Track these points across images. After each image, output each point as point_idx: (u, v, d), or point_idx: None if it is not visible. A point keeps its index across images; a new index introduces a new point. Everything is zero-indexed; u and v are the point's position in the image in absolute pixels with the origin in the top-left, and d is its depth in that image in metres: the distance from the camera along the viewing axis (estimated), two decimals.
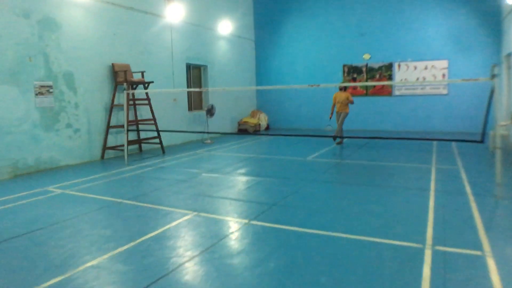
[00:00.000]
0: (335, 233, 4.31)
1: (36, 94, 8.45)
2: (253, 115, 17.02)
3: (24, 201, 6.03)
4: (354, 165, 8.60)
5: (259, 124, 16.31)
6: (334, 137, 11.26)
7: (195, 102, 14.40)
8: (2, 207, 5.75)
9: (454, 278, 3.21)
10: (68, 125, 9.17)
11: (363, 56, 15.73)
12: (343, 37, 16.01)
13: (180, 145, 12.58)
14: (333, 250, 3.87)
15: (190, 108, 13.83)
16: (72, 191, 6.66)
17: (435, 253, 3.68)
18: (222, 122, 15.08)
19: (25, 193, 6.55)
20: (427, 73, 14.41)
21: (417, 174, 7.35)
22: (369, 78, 15.54)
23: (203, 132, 9.38)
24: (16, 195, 6.40)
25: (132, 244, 4.13)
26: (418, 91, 14.66)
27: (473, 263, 3.47)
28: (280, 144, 12.31)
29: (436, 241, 3.99)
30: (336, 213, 5.14)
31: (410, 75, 14.74)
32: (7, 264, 3.76)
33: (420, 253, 3.71)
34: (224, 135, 14.81)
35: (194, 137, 13.62)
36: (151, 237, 4.34)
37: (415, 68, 14.62)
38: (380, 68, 15.33)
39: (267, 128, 17.04)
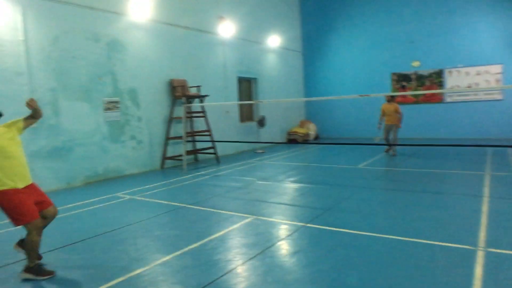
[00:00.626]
0: (388, 235, 4.53)
1: (105, 109, 9.28)
2: (302, 125, 17.33)
3: (99, 205, 6.72)
4: (405, 172, 8.68)
5: (308, 134, 16.58)
6: (388, 150, 11.23)
7: (246, 113, 14.95)
8: (82, 210, 6.45)
9: (507, 277, 3.35)
10: (132, 137, 9.95)
11: (412, 64, 15.63)
12: (391, 45, 16.01)
13: (232, 155, 13.12)
14: (387, 250, 4.11)
15: (241, 120, 14.39)
16: (139, 196, 7.29)
17: (487, 255, 3.83)
18: (272, 132, 15.50)
19: (98, 198, 7.26)
20: (480, 78, 14.11)
21: (471, 181, 7.34)
22: (419, 85, 15.41)
23: (255, 142, 9.83)
24: (92, 200, 7.12)
25: (198, 243, 4.58)
26: (471, 97, 14.35)
27: None
28: (329, 153, 12.53)
29: (489, 243, 4.11)
30: (389, 217, 5.35)
31: (461, 81, 14.48)
32: (94, 257, 4.31)
33: (472, 254, 3.86)
34: (274, 145, 15.22)
35: (245, 147, 14.13)
36: (216, 237, 4.78)
37: (467, 73, 14.34)
38: (430, 75, 15.17)
39: (316, 137, 17.26)
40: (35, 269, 3.79)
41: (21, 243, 3.98)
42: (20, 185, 3.81)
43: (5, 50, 7.58)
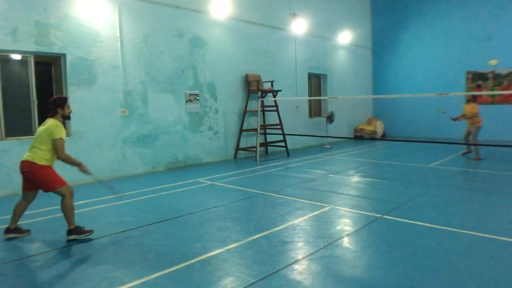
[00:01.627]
0: (464, 230, 4.64)
1: (186, 101, 9.98)
2: (369, 122, 17.23)
3: (185, 188, 7.36)
4: (479, 173, 8.51)
5: (375, 131, 16.46)
6: (464, 152, 10.79)
7: (315, 109, 15.19)
8: (171, 191, 7.12)
9: None
10: (210, 128, 10.59)
11: (490, 62, 14.94)
12: (466, 43, 15.39)
13: (301, 149, 13.44)
14: (464, 244, 4.23)
15: (310, 115, 14.66)
16: (219, 182, 7.85)
17: None
18: (339, 128, 15.59)
19: (182, 182, 7.92)
20: None
21: None
22: (496, 85, 14.71)
23: (324, 136, 10.07)
24: (177, 183, 7.79)
25: (280, 227, 4.97)
26: None
27: None
28: (398, 151, 12.43)
29: None
30: (465, 214, 5.41)
31: None
32: (175, 233, 4.84)
33: None
34: (341, 141, 15.31)
35: (313, 141, 14.38)
36: (296, 223, 5.14)
37: None
38: (508, 74, 14.43)
39: (383, 135, 17.08)
40: (76, 230, 4.65)
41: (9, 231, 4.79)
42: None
43: (104, 46, 8.46)
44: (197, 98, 10.23)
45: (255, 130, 10.98)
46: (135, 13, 8.96)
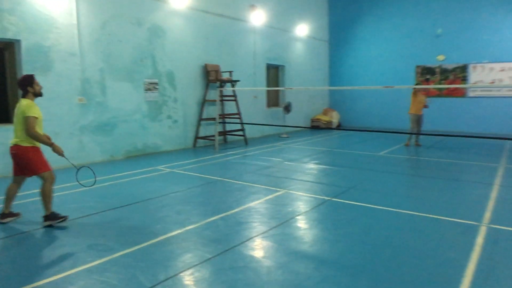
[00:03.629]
0: (403, 210, 5.16)
1: (145, 90, 10.04)
2: (325, 112, 17.85)
3: (144, 176, 7.51)
4: (424, 161, 9.21)
5: (331, 122, 17.10)
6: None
7: (273, 99, 15.57)
8: (130, 179, 7.25)
9: (503, 246, 3.95)
10: (169, 117, 10.71)
11: (437, 57, 15.90)
12: (417, 38, 16.28)
13: (259, 138, 13.80)
14: (401, 221, 4.75)
15: (268, 105, 15.03)
16: (178, 170, 8.05)
17: (489, 229, 4.42)
18: (296, 118, 16.06)
19: (142, 170, 8.05)
20: (504, 75, 14.33)
21: (485, 171, 7.84)
22: (443, 79, 15.70)
23: (281, 126, 10.47)
24: (136, 171, 7.91)
25: (236, 210, 5.28)
26: (494, 93, 14.61)
27: None
28: (351, 140, 13.07)
29: (492, 221, 4.70)
30: (406, 197, 5.96)
31: (485, 76, 14.73)
32: (136, 217, 5.05)
33: (476, 228, 4.46)
34: (298, 131, 15.83)
35: (271, 131, 14.79)
36: (251, 206, 5.48)
37: (491, 69, 14.59)
38: (454, 69, 15.44)
39: (338, 125, 17.76)
40: (51, 215, 4.70)
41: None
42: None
43: (61, 33, 8.36)
44: (156, 87, 10.30)
45: (214, 119, 11.21)
46: (93, 0, 8.88)
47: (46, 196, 4.67)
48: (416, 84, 14.47)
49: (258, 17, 13.53)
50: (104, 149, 9.25)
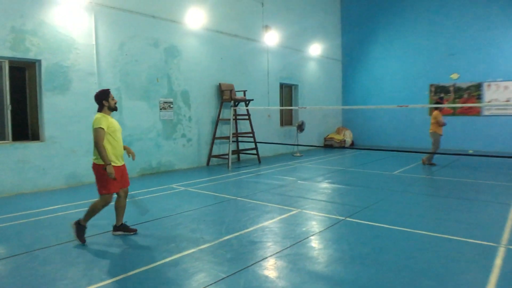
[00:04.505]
0: (419, 231, 5.08)
1: (161, 109, 10.19)
2: (338, 131, 17.83)
3: (160, 193, 7.56)
4: (439, 180, 9.09)
5: (344, 140, 17.05)
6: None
7: (286, 118, 15.64)
8: (146, 196, 7.30)
9: None
10: (183, 135, 10.82)
11: (451, 76, 15.83)
12: (431, 57, 16.27)
13: (272, 156, 13.81)
14: (418, 243, 4.66)
15: (281, 124, 15.09)
16: (192, 188, 8.09)
17: (508, 250, 4.32)
18: (310, 137, 16.08)
19: (157, 188, 8.11)
20: None
21: (501, 191, 7.70)
22: (457, 98, 15.60)
23: (294, 145, 10.48)
24: (152, 189, 7.97)
25: (249, 229, 5.27)
26: (509, 111, 14.44)
27: None
28: (365, 159, 12.99)
29: (511, 242, 4.59)
30: (422, 217, 5.87)
31: (500, 95, 14.59)
32: (150, 235, 5.08)
33: (494, 249, 4.36)
34: (311, 149, 15.80)
35: (284, 149, 14.80)
36: (270, 223, 5.46)
37: (506, 88, 14.45)
38: (468, 87, 15.34)
39: (352, 144, 17.70)
40: (80, 227, 4.82)
41: (116, 229, 5.12)
42: (119, 163, 4.93)
43: (80, 53, 8.60)
44: (171, 106, 10.45)
45: (228, 138, 11.28)
46: (111, 21, 9.14)
47: (91, 210, 4.83)
48: (436, 103, 14.38)
49: (271, 38, 13.72)
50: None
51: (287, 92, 15.76)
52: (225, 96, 11.50)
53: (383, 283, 3.54)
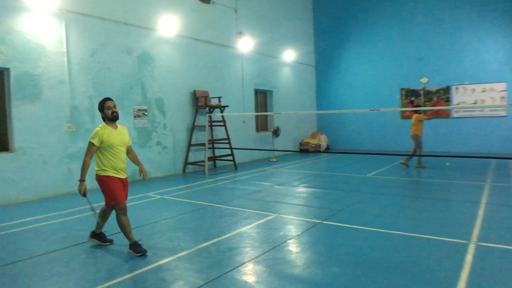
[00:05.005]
0: (394, 231, 5.21)
1: (135, 117, 10.08)
2: (313, 136, 18.04)
3: (135, 202, 7.46)
4: (412, 181, 9.32)
5: (320, 145, 17.27)
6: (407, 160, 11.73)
7: (261, 124, 15.72)
8: None
9: (492, 263, 4.01)
10: (158, 143, 10.72)
11: (421, 80, 16.30)
12: (401, 62, 16.73)
13: (248, 162, 13.84)
14: (392, 243, 4.77)
15: (257, 129, 15.15)
16: (168, 196, 8.02)
17: (478, 247, 4.48)
18: (285, 142, 16.21)
19: (133, 197, 7.99)
20: (485, 95, 14.75)
21: (471, 190, 7.97)
22: (427, 101, 16.06)
23: (270, 150, 10.55)
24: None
25: (227, 235, 5.28)
26: (477, 113, 14.98)
27: (510, 253, 4.25)
28: (340, 163, 13.18)
29: (480, 239, 4.77)
30: (395, 218, 6.01)
31: (468, 97, 15.12)
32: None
33: (465, 246, 4.52)
34: (287, 155, 15.92)
35: (260, 155, 14.86)
36: (248, 228, 5.48)
37: (473, 90, 14.99)
38: (437, 91, 15.83)
39: (327, 148, 17.93)
40: (99, 235, 5.00)
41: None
42: (121, 175, 4.82)
43: (50, 61, 8.43)
44: (146, 113, 10.36)
45: (203, 144, 11.25)
46: (82, 28, 9.00)
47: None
48: (402, 107, 14.76)
49: (245, 44, 13.81)
50: (93, 176, 9.13)
51: (262, 98, 15.86)
52: (200, 103, 11.48)
53: (360, 283, 3.61)
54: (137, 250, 4.52)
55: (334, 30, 18.55)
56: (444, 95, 15.68)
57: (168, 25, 10.83)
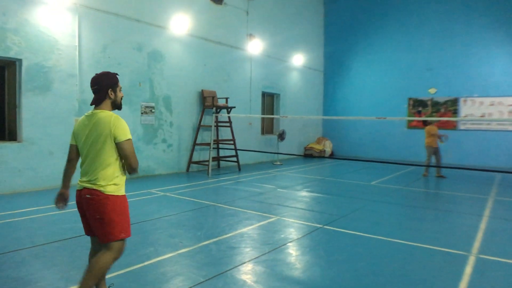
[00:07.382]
0: (394, 239, 5.22)
1: (142, 113, 10.15)
2: (318, 141, 18.05)
3: (138, 198, 7.52)
4: (415, 191, 9.31)
5: (324, 150, 17.27)
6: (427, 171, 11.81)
7: (267, 126, 15.76)
8: None
9: (491, 275, 4.02)
10: (164, 140, 10.79)
11: (429, 90, 16.29)
12: (410, 71, 16.72)
13: (252, 164, 13.88)
14: (392, 251, 4.79)
15: (262, 132, 15.20)
16: (171, 194, 8.07)
17: (478, 259, 4.49)
18: (290, 146, 16.24)
19: (136, 192, 8.06)
20: (493, 109, 14.71)
21: (474, 203, 7.96)
22: (434, 112, 16.03)
23: (275, 153, 10.57)
24: (128, 194, 7.90)
25: (228, 235, 5.31)
26: (484, 126, 14.94)
27: (509, 267, 4.26)
28: (344, 169, 13.19)
29: (480, 251, 4.78)
30: (396, 226, 6.03)
31: (476, 110, 15.09)
32: (129, 239, 5.07)
33: (465, 258, 4.53)
34: (291, 158, 15.94)
35: (265, 158, 14.89)
36: (249, 229, 5.51)
37: (481, 103, 14.96)
38: (445, 102, 15.81)
39: (331, 154, 17.93)
40: None
41: None
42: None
43: (62, 54, 8.52)
44: (153, 110, 10.43)
45: (208, 144, 11.30)
46: (95, 23, 9.09)
47: (105, 269, 3.21)
48: (409, 116, 14.76)
49: (255, 46, 13.87)
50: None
51: (269, 101, 15.91)
52: (207, 102, 11.54)
53: None
54: None
55: (344, 37, 18.58)
56: (452, 106, 15.65)
57: (180, 24, 10.91)
